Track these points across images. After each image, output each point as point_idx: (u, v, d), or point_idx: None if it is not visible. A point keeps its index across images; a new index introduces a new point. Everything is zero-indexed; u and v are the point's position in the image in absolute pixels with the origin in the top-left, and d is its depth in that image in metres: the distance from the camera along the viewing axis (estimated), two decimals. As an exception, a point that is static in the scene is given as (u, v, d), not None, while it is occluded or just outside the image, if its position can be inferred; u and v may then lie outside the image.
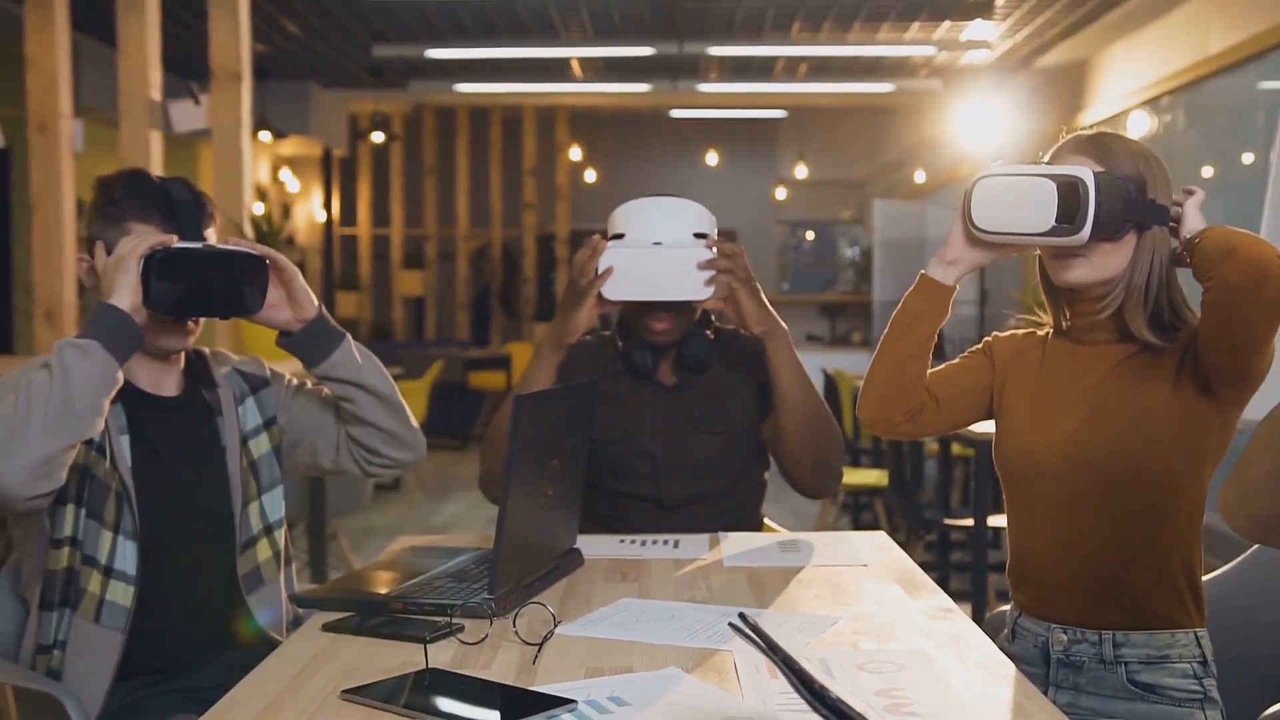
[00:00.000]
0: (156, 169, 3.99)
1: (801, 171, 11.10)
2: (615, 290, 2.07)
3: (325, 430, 1.99)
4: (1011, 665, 1.37)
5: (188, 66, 5.40)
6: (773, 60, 7.92)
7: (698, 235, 2.14)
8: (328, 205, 10.09)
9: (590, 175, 11.73)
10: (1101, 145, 1.72)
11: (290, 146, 9.01)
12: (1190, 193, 1.70)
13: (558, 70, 8.21)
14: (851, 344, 10.62)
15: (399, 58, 7.54)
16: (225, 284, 1.81)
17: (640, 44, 7.22)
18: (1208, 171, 5.88)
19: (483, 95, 9.31)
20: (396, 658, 1.38)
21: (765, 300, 2.11)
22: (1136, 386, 1.69)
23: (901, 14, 6.57)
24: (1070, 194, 1.62)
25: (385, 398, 1.94)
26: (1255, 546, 1.91)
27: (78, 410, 1.61)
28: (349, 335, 1.95)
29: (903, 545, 4.62)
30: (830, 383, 6.19)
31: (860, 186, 12.26)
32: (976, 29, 6.92)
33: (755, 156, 12.24)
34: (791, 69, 8.21)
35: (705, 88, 8.74)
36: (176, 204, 1.82)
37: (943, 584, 4.39)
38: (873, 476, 5.24)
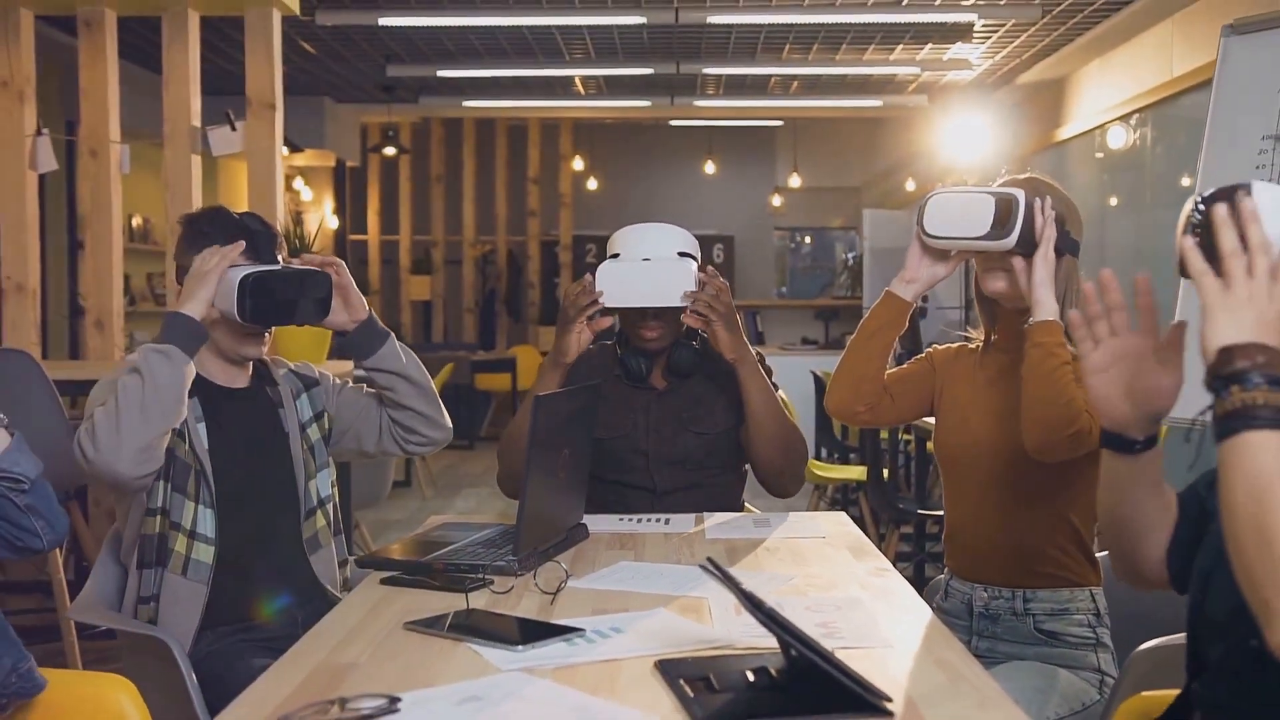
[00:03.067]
0: (196, 189, 4.37)
1: (796, 180, 11.48)
2: (610, 299, 2.43)
3: (368, 418, 2.37)
4: (929, 610, 1.73)
5: (220, 86, 5.78)
6: (766, 77, 8.30)
7: (681, 254, 2.49)
8: (341, 213, 10.44)
9: (592, 183, 12.12)
10: (1031, 186, 2.09)
11: (304, 158, 9.37)
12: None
13: (562, 87, 8.58)
14: (845, 348, 10.95)
15: (411, 76, 7.92)
16: (301, 297, 2.18)
17: (640, 65, 7.60)
18: (1185, 180, 6.21)
19: (490, 110, 9.69)
20: (442, 603, 1.75)
21: (740, 331, 2.43)
22: None
23: (885, 38, 6.94)
24: (1004, 207, 1.98)
25: (422, 386, 2.33)
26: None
27: (164, 404, 2.01)
28: (393, 334, 2.34)
29: (881, 536, 5.00)
30: (820, 385, 6.55)
31: (855, 193, 12.62)
32: (958, 50, 7.28)
33: (753, 164, 12.60)
34: (785, 85, 8.59)
35: (702, 103, 9.12)
36: (253, 234, 2.20)
37: (918, 570, 4.74)
38: (857, 472, 5.59)
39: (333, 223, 10.72)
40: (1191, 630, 1.48)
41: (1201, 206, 1.34)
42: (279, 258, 2.23)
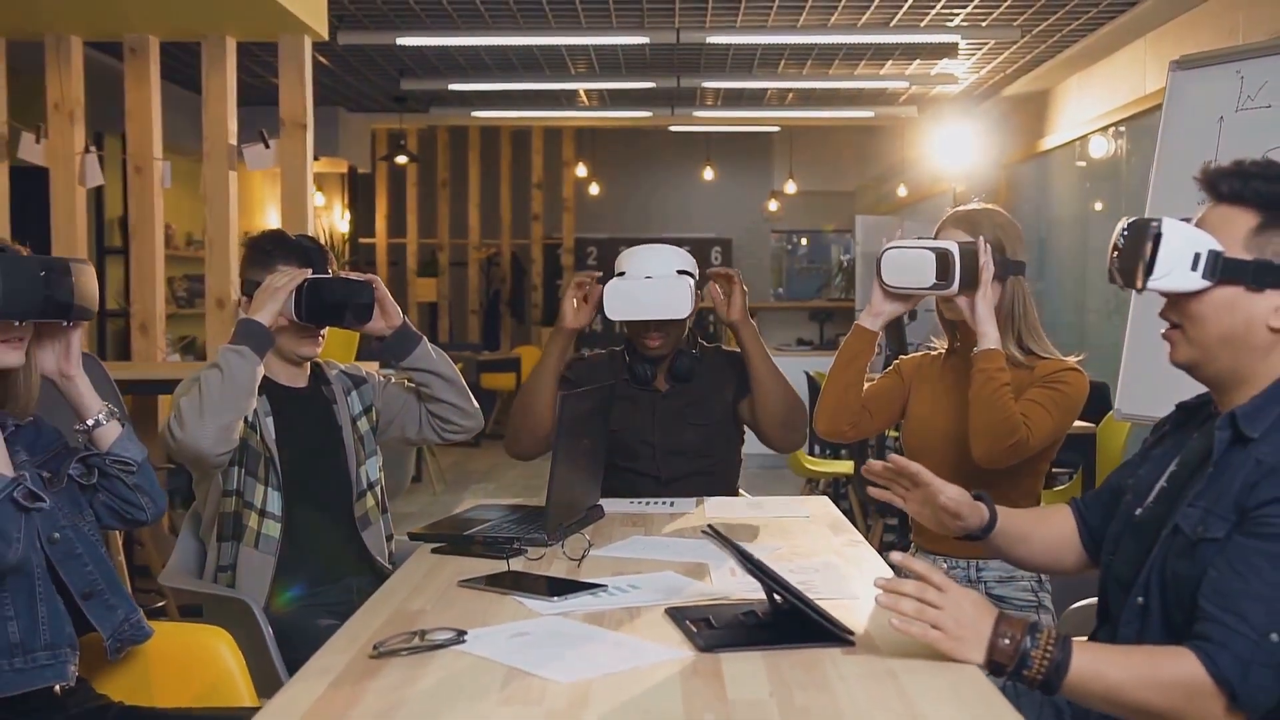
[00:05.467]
0: (233, 202, 4.71)
1: (792, 185, 11.83)
2: (617, 312, 2.77)
3: (409, 411, 2.71)
4: (891, 573, 2.07)
5: (252, 99, 6.11)
6: (763, 90, 8.66)
7: (680, 272, 2.82)
8: (354, 218, 10.77)
9: (594, 188, 12.48)
10: (971, 220, 2.43)
11: (318, 165, 9.70)
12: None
13: (566, 98, 8.93)
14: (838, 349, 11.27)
15: (423, 89, 8.27)
16: (348, 302, 2.53)
17: (642, 78, 7.95)
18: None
19: (497, 119, 10.04)
20: (486, 567, 2.08)
21: (746, 302, 2.82)
22: None
23: (875, 54, 7.29)
24: (942, 261, 2.32)
25: (453, 381, 2.68)
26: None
27: (238, 393, 2.34)
28: (425, 337, 2.69)
29: (868, 526, 5.35)
30: (814, 385, 6.90)
31: (850, 198, 12.98)
32: (945, 65, 7.63)
33: (750, 170, 12.95)
34: (781, 97, 8.94)
35: (701, 114, 9.47)
36: (308, 250, 2.56)
37: (902, 557, 5.08)
38: (846, 466, 5.96)
39: (342, 226, 11.08)
40: (1102, 586, 1.82)
41: (1125, 230, 1.68)
42: (330, 271, 2.58)
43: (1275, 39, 3.60)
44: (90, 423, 2.00)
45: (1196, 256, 1.58)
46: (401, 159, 9.37)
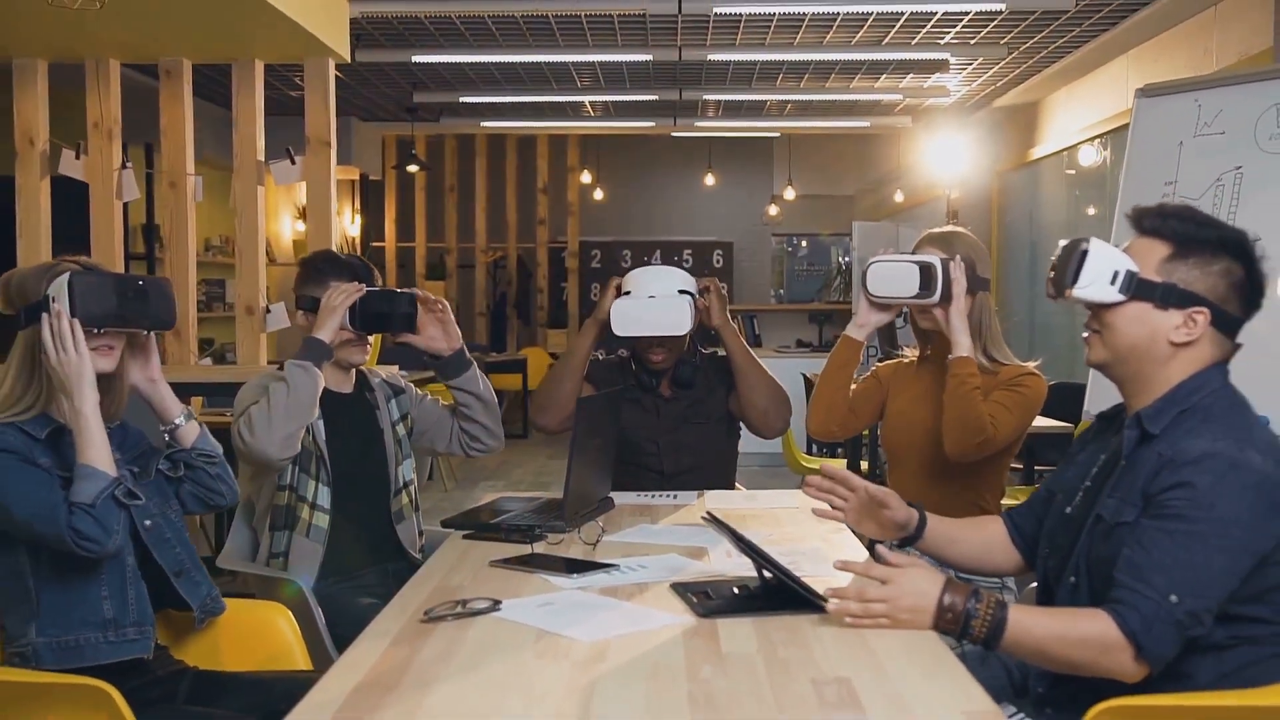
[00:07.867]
0: (262, 214, 4.99)
1: (791, 192, 12.12)
2: (623, 330, 3.02)
3: (441, 426, 2.99)
4: (865, 552, 2.36)
5: (272, 110, 6.40)
6: (762, 101, 8.95)
7: (681, 291, 3.09)
8: (365, 223, 11.05)
9: (598, 193, 12.76)
10: (946, 240, 2.73)
11: (331, 172, 10.01)
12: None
13: (572, 109, 9.22)
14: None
15: (435, 102, 8.56)
16: (393, 312, 2.81)
17: (645, 91, 8.24)
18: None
19: (505, 129, 10.32)
20: (512, 550, 2.37)
21: (726, 308, 3.10)
22: None
23: (870, 69, 7.58)
24: (926, 272, 2.62)
25: (490, 405, 2.96)
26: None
27: (303, 404, 2.61)
28: (475, 361, 2.97)
29: (861, 520, 5.62)
30: (810, 386, 7.18)
31: (849, 202, 13.26)
32: (937, 79, 7.92)
33: (751, 175, 13.24)
34: (780, 107, 9.23)
35: (702, 124, 9.76)
36: (356, 268, 2.84)
37: (892, 547, 5.36)
38: (841, 464, 6.25)
39: (352, 231, 11.37)
40: (1042, 575, 2.08)
41: (1061, 248, 1.96)
42: (378, 284, 2.86)
43: (1228, 72, 3.89)
44: (176, 422, 2.29)
45: (1116, 274, 1.87)
46: (412, 167, 9.65)
